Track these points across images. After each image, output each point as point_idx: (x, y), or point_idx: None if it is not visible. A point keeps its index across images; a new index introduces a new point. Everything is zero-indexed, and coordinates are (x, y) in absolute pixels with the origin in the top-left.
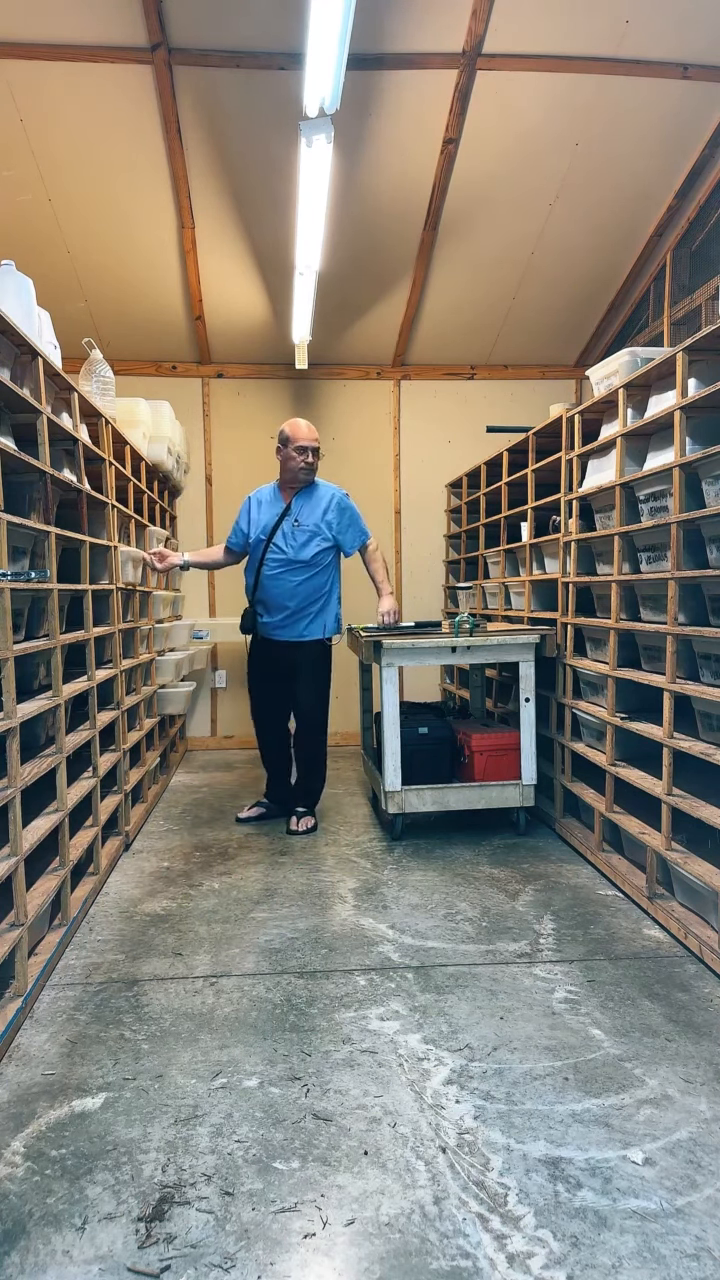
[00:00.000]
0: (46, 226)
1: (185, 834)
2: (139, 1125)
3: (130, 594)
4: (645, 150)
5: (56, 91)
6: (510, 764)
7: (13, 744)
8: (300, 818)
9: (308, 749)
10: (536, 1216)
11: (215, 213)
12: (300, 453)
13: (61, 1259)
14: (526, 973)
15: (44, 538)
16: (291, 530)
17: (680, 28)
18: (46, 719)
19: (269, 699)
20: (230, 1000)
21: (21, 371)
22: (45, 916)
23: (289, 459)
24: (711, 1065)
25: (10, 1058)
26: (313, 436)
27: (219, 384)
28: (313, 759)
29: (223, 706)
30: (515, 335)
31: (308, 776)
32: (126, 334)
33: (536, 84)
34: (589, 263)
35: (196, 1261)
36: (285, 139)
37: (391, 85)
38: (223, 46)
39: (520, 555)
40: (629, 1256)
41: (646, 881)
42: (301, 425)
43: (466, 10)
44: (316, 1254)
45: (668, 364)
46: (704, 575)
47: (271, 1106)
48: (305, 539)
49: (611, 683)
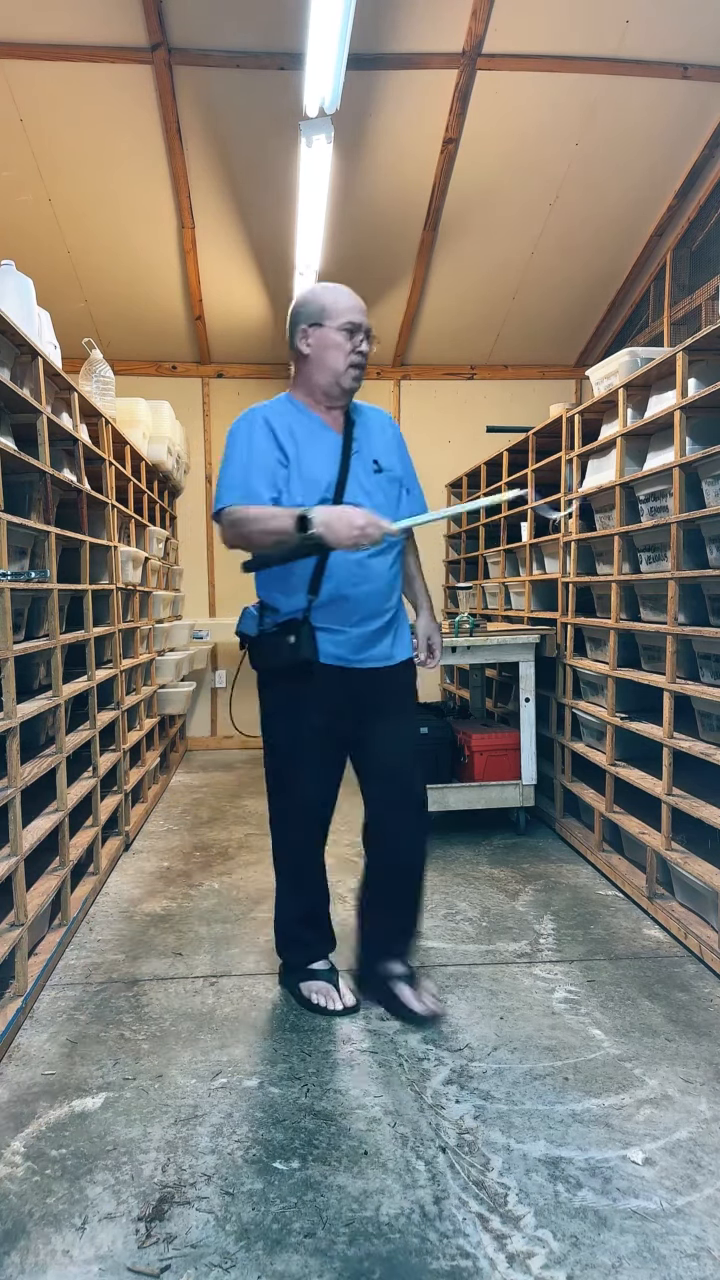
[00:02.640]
0: (46, 226)
1: (185, 834)
2: (139, 1125)
3: (130, 594)
4: (645, 150)
5: (56, 91)
6: (510, 764)
7: (13, 744)
8: (414, 984)
9: (409, 845)
10: (536, 1216)
11: (215, 213)
12: (349, 334)
13: (61, 1259)
14: (526, 973)
15: (44, 538)
16: (370, 477)
17: (680, 28)
18: (46, 719)
19: (321, 773)
20: (230, 1000)
21: (21, 371)
22: (45, 916)
23: (327, 350)
24: (711, 1065)
25: (10, 1057)
26: (363, 309)
27: (219, 384)
28: (420, 864)
29: (222, 706)
30: (515, 335)
31: (412, 898)
32: (126, 334)
33: (536, 84)
34: (589, 263)
35: (197, 1261)
36: (285, 139)
37: (391, 85)
38: (223, 46)
39: (520, 555)
40: (629, 1256)
41: (646, 881)
42: (343, 292)
43: (466, 10)
44: (316, 1254)
45: (668, 364)
46: (704, 575)
47: (271, 1106)
48: (394, 492)
49: (611, 683)
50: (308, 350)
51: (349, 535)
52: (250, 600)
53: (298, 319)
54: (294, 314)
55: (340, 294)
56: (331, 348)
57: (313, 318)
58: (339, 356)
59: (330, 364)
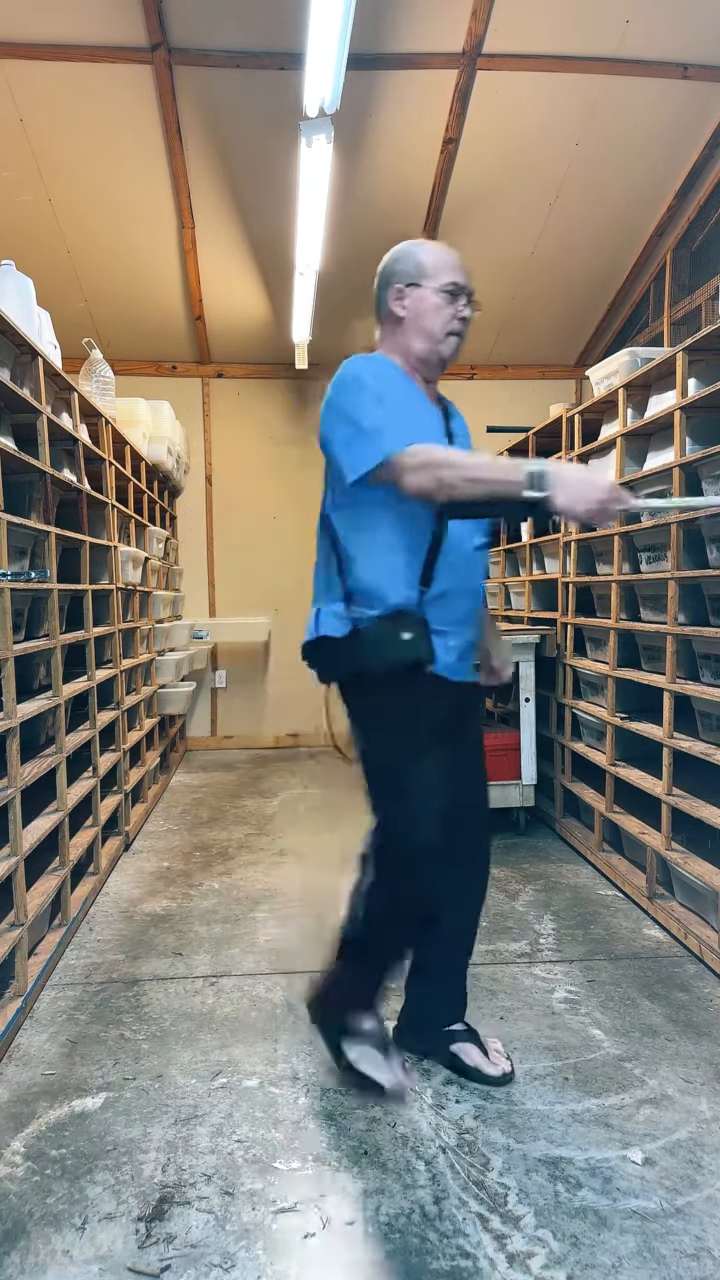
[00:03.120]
0: (46, 226)
1: (185, 834)
2: (139, 1125)
3: (130, 594)
4: (645, 150)
5: (56, 91)
6: (510, 764)
7: (13, 744)
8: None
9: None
10: (536, 1216)
11: (215, 213)
12: (450, 297)
13: (61, 1259)
14: (526, 972)
15: (44, 538)
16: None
17: (680, 28)
18: (46, 719)
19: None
20: (230, 1000)
21: (21, 371)
22: (45, 916)
23: (425, 314)
24: (711, 1065)
25: (10, 1057)
26: (465, 268)
27: (219, 384)
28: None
29: (223, 706)
30: (515, 335)
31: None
32: (126, 334)
33: (537, 84)
34: (589, 263)
35: (196, 1261)
36: (285, 139)
37: (391, 85)
38: (223, 46)
39: (520, 555)
40: (629, 1256)
41: (646, 881)
42: (442, 249)
43: (466, 10)
44: (317, 1254)
45: (668, 364)
46: (704, 575)
47: (271, 1106)
48: None
49: (611, 683)
50: (402, 313)
51: (588, 504)
52: (250, 601)
53: (391, 277)
54: (386, 272)
55: (440, 251)
56: (430, 312)
57: (408, 276)
58: (438, 322)
59: (429, 329)
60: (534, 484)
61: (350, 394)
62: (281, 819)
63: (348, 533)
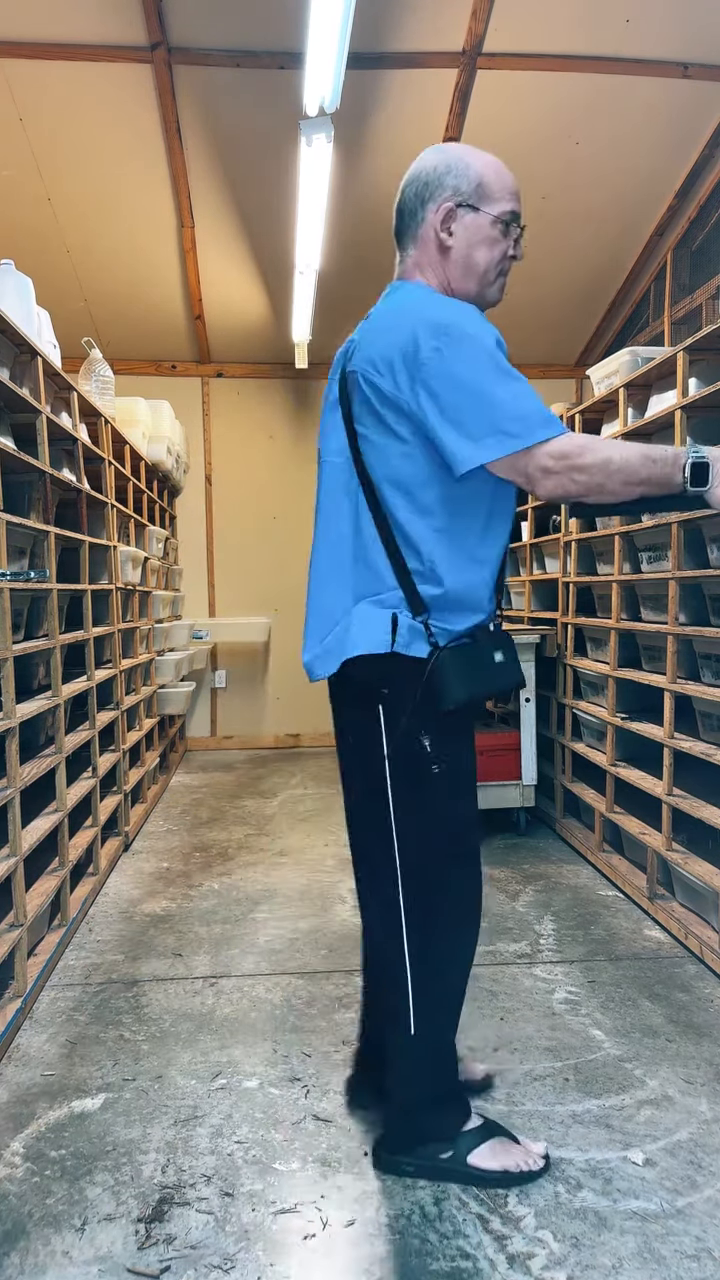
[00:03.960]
0: (46, 226)
1: (185, 834)
2: (138, 1126)
3: (130, 594)
4: (646, 149)
5: (56, 91)
6: (510, 764)
7: (12, 744)
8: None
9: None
10: (537, 1217)
11: (215, 212)
12: (507, 229)
13: (61, 1260)
14: (527, 973)
15: (43, 537)
16: None
17: (680, 27)
18: (46, 719)
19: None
20: (230, 1001)
21: (21, 371)
22: (45, 917)
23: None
24: (712, 1066)
25: (10, 1058)
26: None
27: (219, 384)
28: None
29: (222, 706)
30: (515, 334)
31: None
32: (126, 334)
33: (537, 83)
34: (589, 262)
35: (196, 1263)
36: (285, 138)
37: (392, 85)
38: (223, 46)
39: (520, 555)
40: (629, 1257)
41: (647, 882)
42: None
43: (467, 9)
44: (316, 1255)
45: (668, 363)
46: (704, 575)
47: (271, 1107)
48: None
49: (612, 683)
50: (450, 241)
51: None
52: (250, 601)
53: (437, 190)
54: (431, 182)
55: (500, 167)
56: (483, 244)
57: (464, 195)
58: (490, 258)
59: (480, 267)
60: (694, 478)
61: (473, 347)
62: (281, 819)
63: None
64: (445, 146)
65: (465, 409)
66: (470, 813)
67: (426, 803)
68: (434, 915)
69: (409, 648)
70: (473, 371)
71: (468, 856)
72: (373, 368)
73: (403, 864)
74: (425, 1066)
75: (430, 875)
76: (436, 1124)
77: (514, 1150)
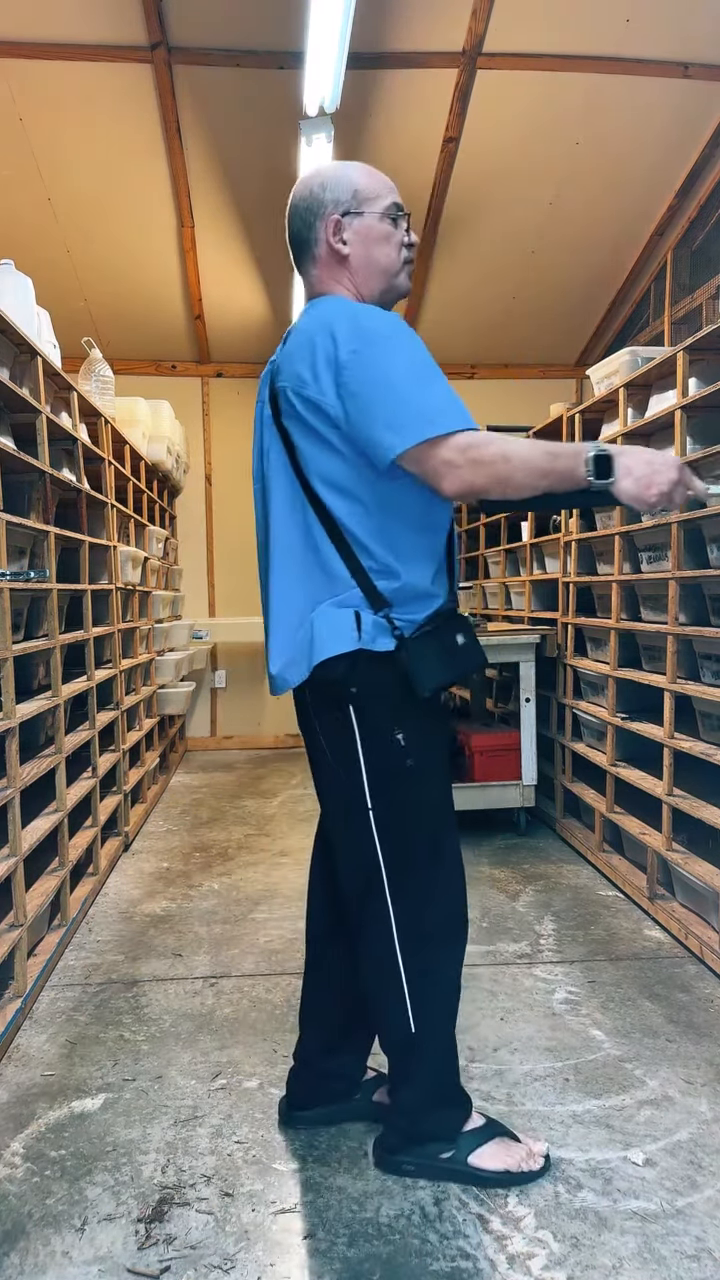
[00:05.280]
0: (46, 226)
1: (185, 834)
2: (138, 1126)
3: (130, 594)
4: (646, 149)
5: (56, 91)
6: (510, 764)
7: (12, 744)
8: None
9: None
10: (537, 1218)
11: (215, 212)
12: (395, 222)
13: (61, 1260)
14: (527, 973)
15: (43, 537)
16: None
17: (681, 27)
18: (46, 719)
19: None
20: (230, 1001)
21: (21, 371)
22: (45, 917)
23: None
24: (712, 1066)
25: (10, 1058)
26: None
27: (219, 383)
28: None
29: (222, 707)
30: (515, 334)
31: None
32: (126, 333)
33: (537, 83)
34: (589, 262)
35: (196, 1263)
36: (285, 138)
37: (392, 84)
38: (222, 45)
39: (520, 555)
40: (629, 1257)
41: (647, 882)
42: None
43: (467, 9)
44: (316, 1255)
45: (668, 363)
46: (704, 575)
47: (271, 1107)
48: None
49: (612, 683)
50: (345, 249)
51: (655, 491)
52: (250, 601)
53: (319, 209)
54: (312, 203)
55: (371, 170)
56: (379, 241)
57: (344, 205)
58: (390, 252)
59: (382, 264)
60: (598, 471)
61: (389, 347)
62: (281, 819)
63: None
64: (313, 171)
65: (383, 404)
66: (447, 808)
67: (405, 800)
68: (422, 913)
69: (375, 643)
70: (389, 370)
71: (450, 852)
72: (299, 380)
73: (387, 863)
74: (427, 1066)
75: (416, 872)
76: (438, 1124)
77: (515, 1150)
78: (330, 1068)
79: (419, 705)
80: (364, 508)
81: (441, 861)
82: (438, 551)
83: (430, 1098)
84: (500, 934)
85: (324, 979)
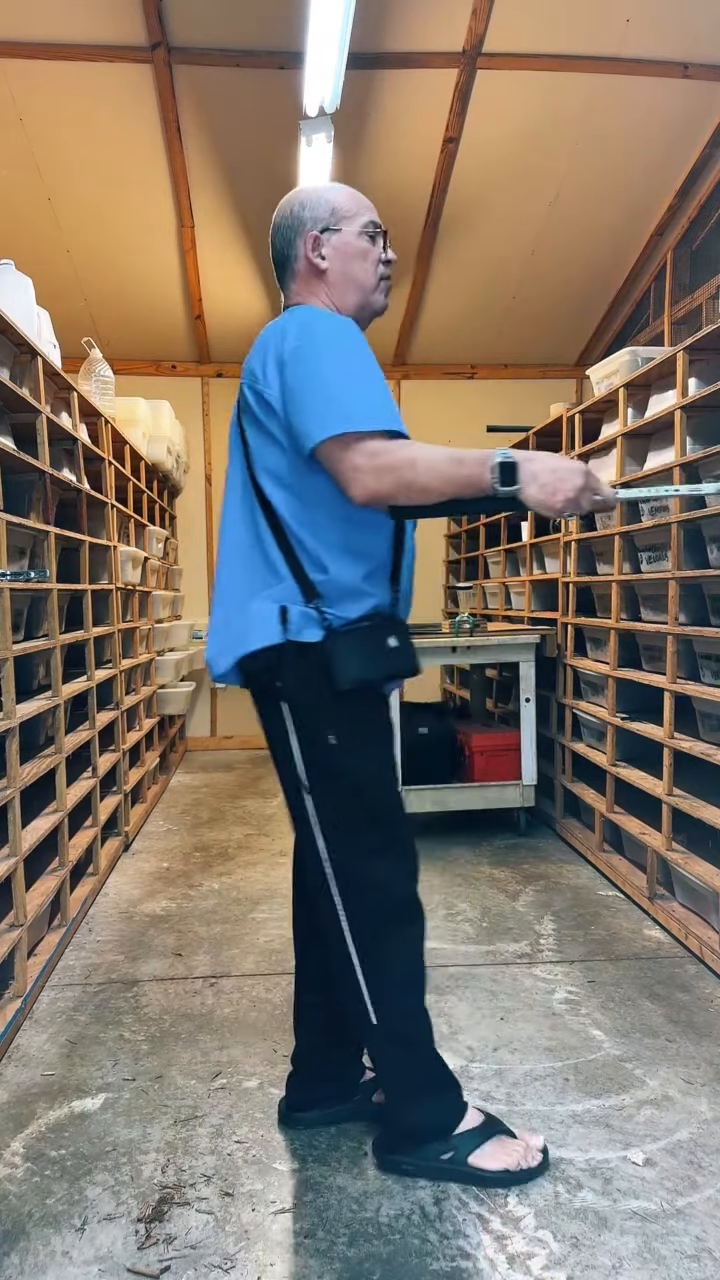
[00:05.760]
0: (46, 226)
1: (185, 834)
2: (138, 1126)
3: (130, 594)
4: (646, 149)
5: (56, 91)
6: (510, 764)
7: (12, 744)
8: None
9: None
10: (537, 1217)
11: (215, 212)
12: (373, 239)
13: (61, 1260)
14: (527, 973)
15: (43, 537)
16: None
17: (681, 27)
18: (46, 719)
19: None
20: (230, 1001)
21: (21, 371)
22: (45, 917)
23: (352, 260)
24: (712, 1066)
25: (10, 1058)
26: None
27: (219, 383)
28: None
29: (222, 707)
30: (515, 334)
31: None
32: (126, 333)
33: (537, 83)
34: (589, 262)
35: (196, 1262)
36: (285, 138)
37: (391, 85)
38: (222, 45)
39: (520, 555)
40: (629, 1257)
41: (647, 882)
42: (347, 188)
43: (467, 9)
44: (316, 1255)
45: (668, 363)
46: (704, 575)
47: (271, 1107)
48: None
49: (612, 683)
50: (323, 264)
51: (561, 498)
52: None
53: (299, 225)
54: (293, 221)
55: (349, 190)
56: (355, 257)
57: (322, 221)
58: (368, 268)
59: (359, 279)
60: (503, 478)
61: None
62: (281, 819)
63: (303, 508)
64: (294, 192)
65: (311, 396)
66: (389, 797)
67: (340, 790)
68: (369, 903)
69: (301, 634)
70: (323, 366)
71: (395, 840)
72: (252, 376)
73: (330, 854)
74: (394, 1055)
75: (358, 860)
76: (427, 1114)
77: (513, 1147)
78: (326, 1070)
79: (353, 696)
80: (300, 501)
81: (386, 850)
82: (375, 551)
83: (408, 1087)
84: (500, 934)
85: (306, 980)
